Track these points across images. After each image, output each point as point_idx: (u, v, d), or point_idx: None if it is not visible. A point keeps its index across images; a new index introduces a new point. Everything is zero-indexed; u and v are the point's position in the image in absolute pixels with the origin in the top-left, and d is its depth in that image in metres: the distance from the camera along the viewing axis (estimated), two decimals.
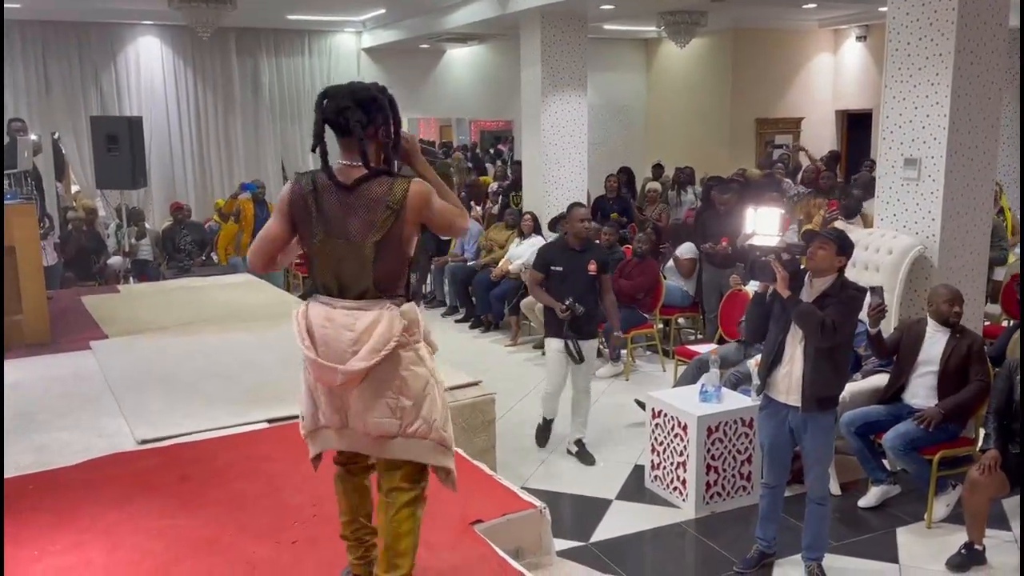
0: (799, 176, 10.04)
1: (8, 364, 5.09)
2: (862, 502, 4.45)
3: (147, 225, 10.08)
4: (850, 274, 3.76)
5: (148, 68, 11.12)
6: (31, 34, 10.33)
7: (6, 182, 5.92)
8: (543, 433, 5.37)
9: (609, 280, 5.21)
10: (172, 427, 4.01)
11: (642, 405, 5.06)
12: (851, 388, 4.62)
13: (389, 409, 2.34)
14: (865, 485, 4.53)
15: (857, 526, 4.28)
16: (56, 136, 9.39)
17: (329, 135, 2.41)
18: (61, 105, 10.50)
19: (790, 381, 3.57)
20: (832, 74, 13.33)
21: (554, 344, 5.06)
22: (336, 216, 2.37)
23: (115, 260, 9.27)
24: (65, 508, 3.23)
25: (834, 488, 4.53)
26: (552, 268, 5.09)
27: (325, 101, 2.39)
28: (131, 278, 9.10)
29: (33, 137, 7.20)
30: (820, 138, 12.98)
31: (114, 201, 9.51)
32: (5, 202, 5.57)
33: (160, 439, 3.89)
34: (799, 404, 3.53)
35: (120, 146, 7.97)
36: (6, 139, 7.40)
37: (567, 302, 4.90)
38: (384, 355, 2.29)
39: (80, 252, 8.92)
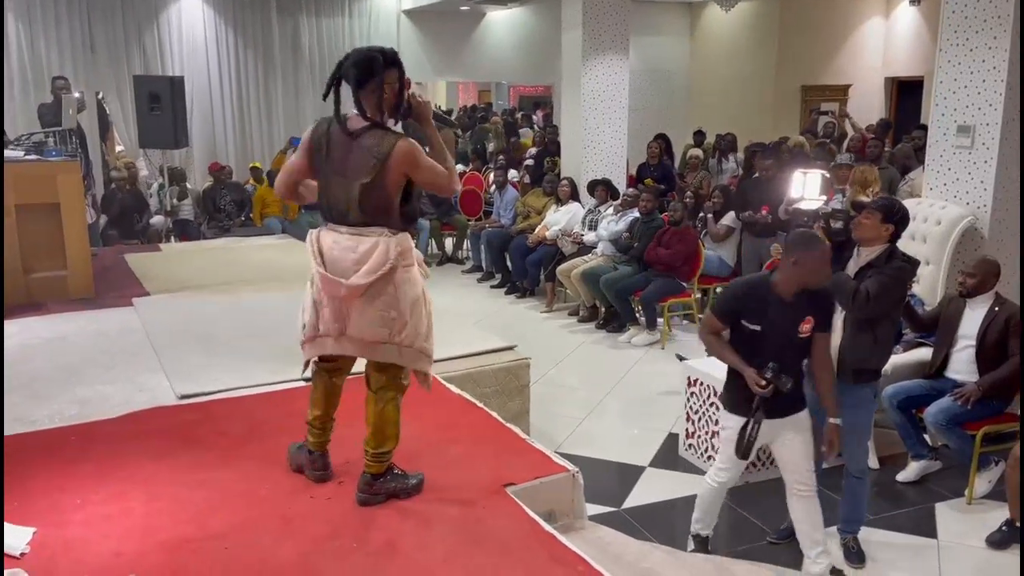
0: (845, 144, 9.82)
1: (53, 318, 5.22)
2: (901, 476, 4.38)
3: (188, 185, 10.19)
4: (899, 244, 3.63)
5: (190, 28, 11.15)
6: None
7: (51, 139, 5.99)
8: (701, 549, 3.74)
9: (826, 341, 3.41)
10: (211, 383, 4.07)
11: (682, 358, 4.96)
12: (893, 361, 4.50)
13: (382, 319, 2.75)
14: (904, 459, 4.46)
15: (895, 500, 4.21)
16: (100, 96, 9.49)
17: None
18: (105, 65, 10.59)
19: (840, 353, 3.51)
20: (883, 39, 12.92)
21: (732, 421, 3.46)
22: (338, 157, 2.78)
23: (157, 219, 9.39)
24: (106, 459, 3.30)
25: (872, 462, 4.46)
26: (746, 324, 3.32)
27: (346, 59, 2.78)
28: (172, 237, 9.23)
29: (76, 94, 7.27)
30: (868, 106, 12.63)
31: (156, 161, 9.61)
32: (50, 159, 5.66)
33: (199, 395, 3.96)
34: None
35: (162, 106, 8.03)
36: (50, 97, 7.51)
37: (768, 371, 3.23)
38: (380, 275, 2.71)
39: (123, 211, 9.05)
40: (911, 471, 4.37)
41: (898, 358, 4.58)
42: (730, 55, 13.40)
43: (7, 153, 5.70)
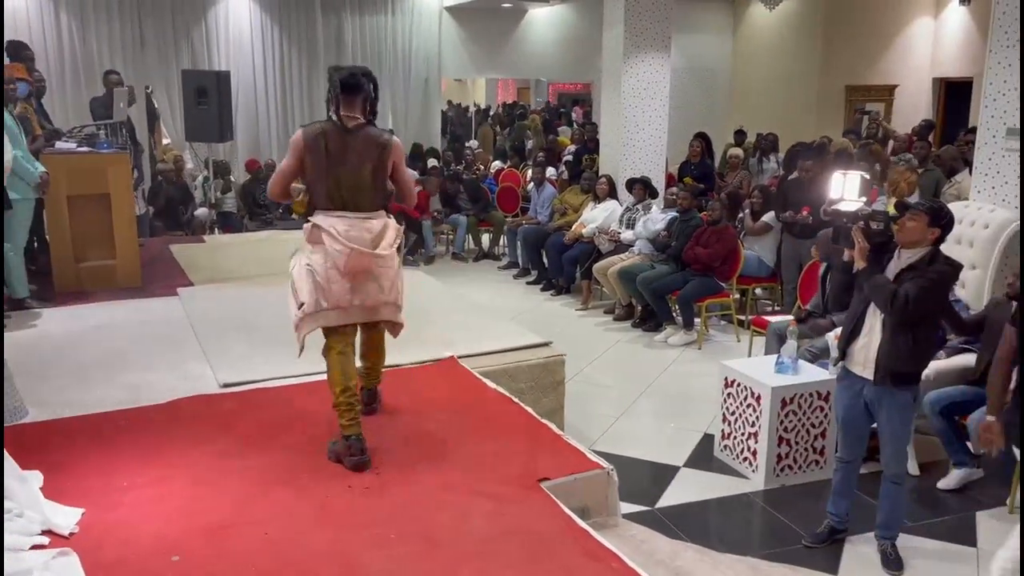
0: (889, 146, 9.66)
1: (102, 306, 5.36)
2: (942, 484, 4.30)
3: (232, 179, 10.36)
4: (945, 247, 3.57)
5: (237, 24, 11.32)
6: None
7: (102, 132, 6.14)
8: None
9: None
10: (253, 372, 4.15)
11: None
12: (936, 367, 4.45)
13: (381, 287, 3.32)
14: (945, 466, 4.39)
15: (935, 507, 4.15)
16: (149, 90, 9.69)
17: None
18: (154, 60, 10.80)
19: (867, 354, 3.47)
20: (931, 40, 12.66)
21: None
22: (337, 151, 3.23)
23: (201, 211, 9.57)
24: (151, 444, 3.39)
25: (912, 468, 4.40)
26: None
27: (339, 73, 3.27)
28: (216, 229, 9.39)
29: (126, 88, 7.43)
30: (915, 107, 12.39)
31: (202, 154, 9.79)
32: (101, 151, 5.81)
33: (241, 383, 4.04)
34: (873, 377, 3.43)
35: (209, 99, 8.18)
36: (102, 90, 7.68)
37: None
38: (393, 249, 3.31)
39: (169, 203, 9.24)
40: (952, 479, 4.30)
41: (941, 363, 4.51)
42: (773, 54, 13.25)
43: (59, 144, 5.86)
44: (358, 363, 3.51)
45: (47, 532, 2.69)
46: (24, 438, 3.31)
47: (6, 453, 2.79)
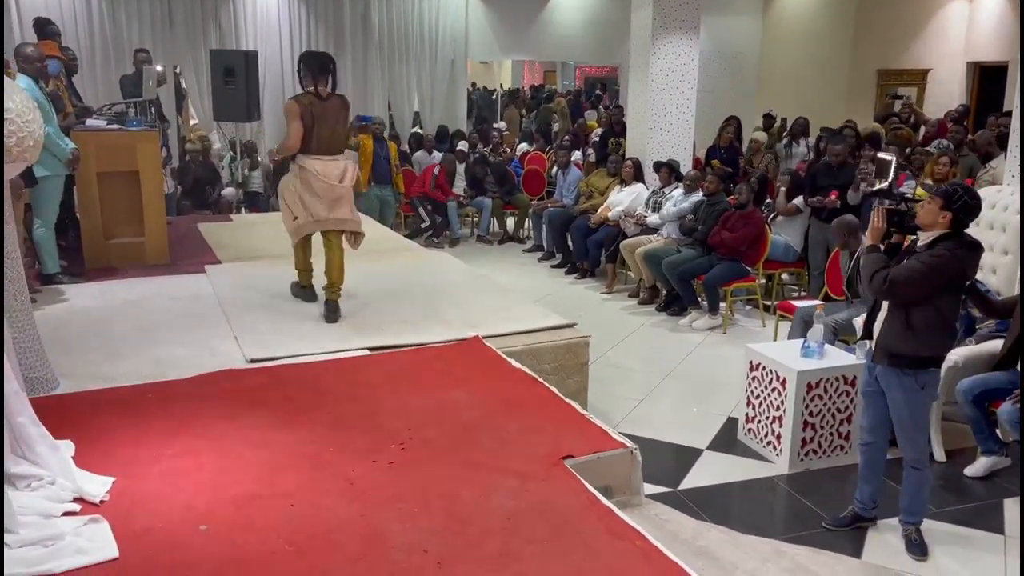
0: (921, 132, 9.52)
1: (131, 282, 5.42)
2: (968, 470, 4.26)
3: (259, 158, 10.42)
4: (977, 233, 3.51)
5: (264, 4, 11.33)
6: None
7: (131, 110, 6.19)
8: None
9: None
10: (279, 349, 4.19)
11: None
12: (966, 353, 4.40)
13: (348, 206, 4.74)
14: (973, 453, 4.34)
15: (961, 494, 4.11)
16: (178, 70, 9.75)
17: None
18: (183, 39, 10.85)
19: (877, 334, 3.52)
20: (965, 23, 12.43)
21: None
22: (319, 114, 4.57)
23: (228, 191, 9.64)
24: (180, 416, 3.43)
25: (939, 454, 4.36)
26: None
27: (312, 57, 4.74)
28: (243, 208, 9.46)
29: (159, 67, 7.48)
30: (948, 92, 12.19)
31: (229, 134, 9.84)
32: (130, 128, 5.86)
33: (268, 359, 4.08)
34: None
35: (236, 79, 8.21)
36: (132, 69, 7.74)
37: None
38: (353, 181, 4.76)
39: (196, 182, 9.32)
40: (980, 466, 4.25)
41: (970, 350, 4.46)
42: (804, 37, 13.07)
43: (90, 122, 5.92)
44: (323, 283, 4.77)
45: (78, 499, 2.74)
46: (56, 409, 3.37)
47: (39, 421, 2.84)
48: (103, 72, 10.22)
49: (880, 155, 6.79)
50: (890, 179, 6.36)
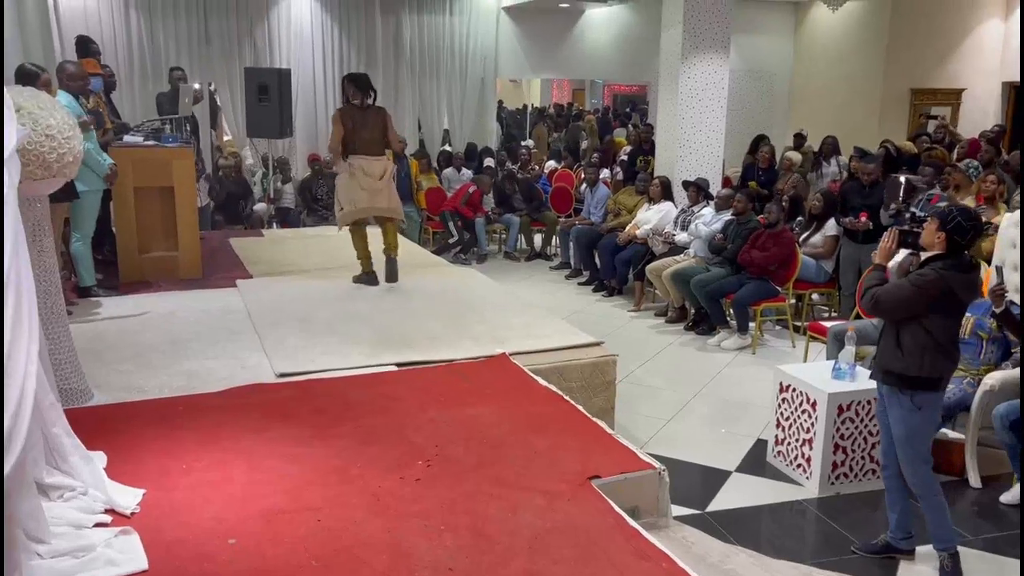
0: (955, 152, 9.39)
1: (165, 295, 5.51)
2: (1005, 498, 4.17)
3: (291, 174, 10.56)
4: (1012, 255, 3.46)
5: (298, 22, 11.52)
6: None
7: (167, 126, 6.30)
8: None
9: None
10: (308, 363, 4.22)
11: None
12: (1002, 377, 4.32)
13: (387, 197, 5.76)
14: (1010, 479, 4.25)
15: (998, 521, 4.02)
16: (213, 88, 9.92)
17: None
18: (219, 57, 11.06)
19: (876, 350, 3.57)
20: (1001, 42, 12.26)
21: None
22: (359, 121, 5.61)
23: (260, 206, 9.77)
24: (210, 429, 3.47)
25: (974, 480, 4.28)
26: None
27: (354, 77, 5.77)
28: (274, 224, 9.58)
29: (196, 86, 7.62)
30: (983, 111, 12.02)
31: (261, 150, 9.98)
32: (166, 145, 5.96)
33: (297, 374, 4.11)
34: None
35: (270, 96, 8.33)
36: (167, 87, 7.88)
37: None
38: (391, 176, 5.81)
39: (229, 197, 9.45)
40: (1016, 493, 4.16)
41: (1006, 374, 4.37)
42: (836, 56, 12.98)
43: (128, 138, 6.04)
44: (381, 245, 5.81)
45: (110, 511, 2.78)
46: (90, 420, 3.42)
47: (73, 432, 2.88)
48: (141, 89, 10.43)
49: (893, 176, 6.76)
50: (899, 200, 6.31)
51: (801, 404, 4.35)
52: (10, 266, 2.32)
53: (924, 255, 3.42)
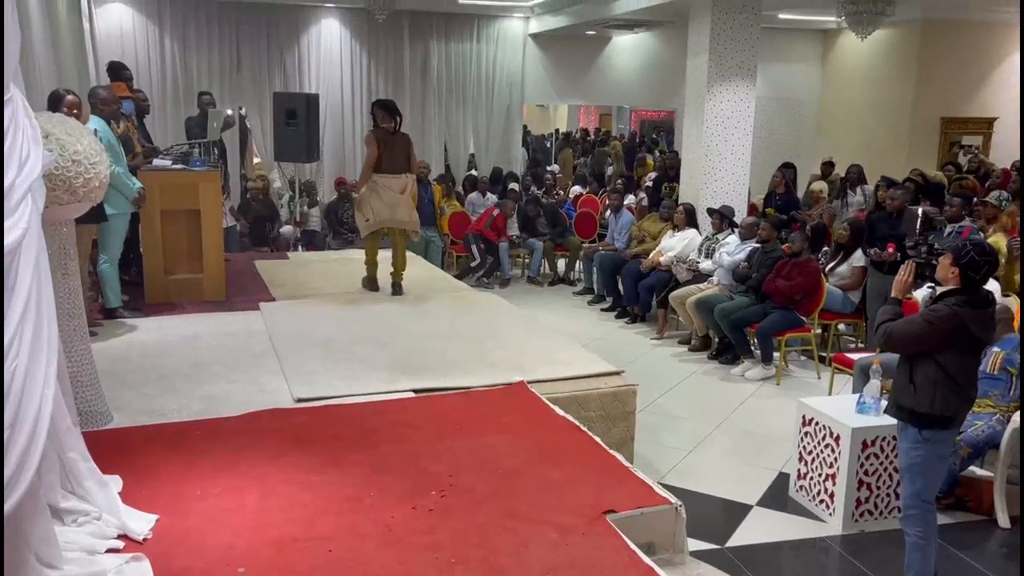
0: (988, 182, 9.27)
1: (188, 318, 5.55)
2: None
3: (317, 197, 10.66)
4: None
5: (327, 48, 11.70)
6: (227, 17, 11.11)
7: (195, 150, 6.40)
8: None
9: None
10: (326, 389, 4.22)
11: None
12: None
13: (406, 211, 6.26)
14: None
15: None
16: (243, 112, 10.09)
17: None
18: (249, 83, 11.26)
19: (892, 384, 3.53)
20: None
21: None
22: (389, 143, 6.11)
23: (287, 229, 9.86)
24: (226, 454, 3.47)
25: (1003, 520, 4.16)
26: None
27: (384, 103, 6.30)
28: (300, 246, 9.66)
29: (228, 112, 7.75)
30: (1015, 141, 11.86)
31: (289, 173, 10.10)
32: (194, 168, 6.05)
33: (315, 399, 4.11)
34: None
35: (298, 121, 8.43)
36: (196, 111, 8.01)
37: None
38: (411, 192, 6.37)
39: (256, 220, 9.56)
40: None
41: None
42: (864, 84, 12.90)
43: (157, 162, 6.13)
44: (389, 269, 6.36)
45: (122, 536, 2.78)
46: (108, 444, 3.44)
47: (89, 456, 2.90)
48: (173, 114, 10.64)
49: (911, 208, 6.70)
50: (916, 232, 6.25)
51: (824, 438, 4.27)
52: (30, 290, 2.35)
53: (939, 290, 3.37)
